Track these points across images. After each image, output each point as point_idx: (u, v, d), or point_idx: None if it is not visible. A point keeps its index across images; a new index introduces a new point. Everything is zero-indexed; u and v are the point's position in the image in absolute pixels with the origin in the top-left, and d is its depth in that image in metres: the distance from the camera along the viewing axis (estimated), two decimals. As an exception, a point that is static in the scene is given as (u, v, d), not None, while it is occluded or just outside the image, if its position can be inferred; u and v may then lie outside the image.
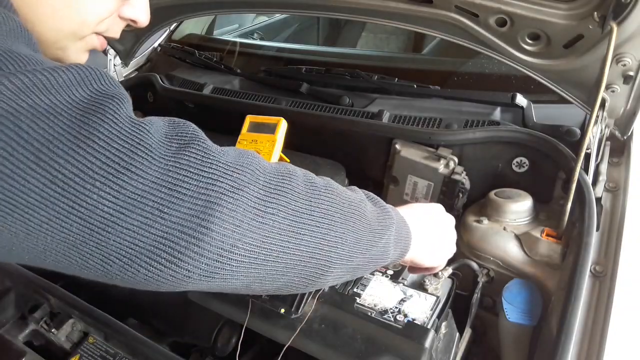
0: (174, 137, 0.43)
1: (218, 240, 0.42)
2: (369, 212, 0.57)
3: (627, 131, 0.99)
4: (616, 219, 0.87)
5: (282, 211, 0.47)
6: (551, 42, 0.92)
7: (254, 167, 0.46)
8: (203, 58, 1.61)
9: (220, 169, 0.43)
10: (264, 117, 1.19)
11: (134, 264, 0.40)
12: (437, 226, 0.73)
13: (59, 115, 0.38)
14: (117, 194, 0.38)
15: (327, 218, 0.51)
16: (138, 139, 0.40)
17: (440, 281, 0.83)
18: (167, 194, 0.40)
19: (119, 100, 0.41)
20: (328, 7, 1.16)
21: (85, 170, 0.38)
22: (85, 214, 0.38)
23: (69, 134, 0.38)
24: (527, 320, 0.83)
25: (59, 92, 0.39)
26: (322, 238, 0.50)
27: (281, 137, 1.16)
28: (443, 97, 1.21)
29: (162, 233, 0.40)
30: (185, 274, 0.42)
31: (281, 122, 1.16)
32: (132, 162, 0.39)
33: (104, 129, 0.39)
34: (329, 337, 0.75)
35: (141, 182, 0.39)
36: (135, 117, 0.42)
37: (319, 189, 0.52)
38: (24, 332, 0.93)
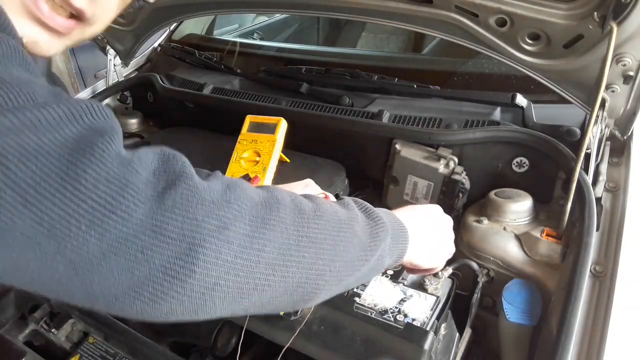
0: (162, 174, 0.43)
1: (201, 280, 0.42)
2: (361, 229, 0.56)
3: (627, 131, 0.99)
4: (616, 219, 0.87)
5: (269, 245, 0.46)
6: (551, 42, 0.92)
7: (241, 202, 0.46)
8: (203, 58, 1.61)
9: (206, 208, 0.43)
10: (264, 117, 1.19)
11: (118, 301, 0.41)
12: (436, 228, 0.73)
13: (47, 155, 0.38)
14: (102, 237, 0.39)
15: (315, 247, 0.50)
16: (125, 181, 0.40)
17: (440, 281, 0.83)
18: (152, 237, 0.40)
19: (109, 137, 0.41)
20: (328, 7, 1.16)
21: (71, 213, 0.38)
22: (70, 256, 0.38)
23: (57, 175, 0.38)
24: (527, 320, 0.83)
25: (48, 131, 0.38)
26: (310, 267, 0.50)
27: (281, 137, 1.16)
28: (443, 97, 1.21)
29: (145, 274, 0.40)
30: (168, 311, 0.43)
31: (281, 122, 1.16)
32: (118, 206, 0.39)
33: (91, 170, 0.39)
34: (329, 338, 0.75)
35: (126, 226, 0.39)
36: (124, 154, 0.41)
37: (308, 217, 0.51)
38: (24, 332, 0.93)
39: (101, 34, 1.59)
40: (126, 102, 1.71)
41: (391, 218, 0.63)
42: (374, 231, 0.58)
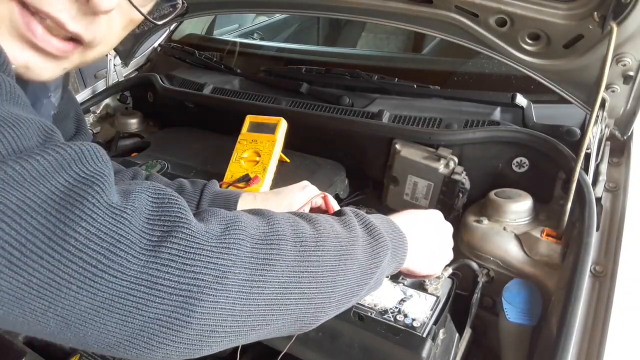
0: (157, 221, 0.41)
1: (197, 329, 0.41)
2: (362, 251, 0.55)
3: (627, 131, 0.99)
4: (616, 219, 0.87)
5: (270, 284, 0.45)
6: (551, 42, 0.92)
7: (241, 244, 0.44)
8: (203, 58, 1.61)
9: (204, 258, 0.41)
10: (264, 117, 1.19)
11: (113, 350, 0.41)
12: (436, 234, 0.72)
13: (33, 212, 0.36)
14: (94, 296, 0.37)
15: (316, 280, 0.49)
16: (118, 236, 0.38)
17: (440, 281, 0.83)
18: (146, 292, 0.39)
19: (99, 186, 0.39)
20: (328, 7, 1.16)
21: (60, 275, 0.36)
22: (61, 313, 0.37)
23: (43, 234, 0.36)
24: (527, 320, 0.83)
25: (33, 184, 0.36)
26: (310, 301, 0.49)
27: (281, 137, 1.16)
28: (443, 97, 1.21)
29: (140, 327, 0.40)
30: (164, 356, 0.42)
31: (281, 122, 1.16)
32: (110, 264, 0.37)
33: (80, 227, 0.37)
34: (326, 345, 0.75)
35: (119, 284, 0.38)
36: (116, 203, 0.39)
37: (309, 248, 0.49)
38: (24, 332, 0.93)
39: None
40: (126, 102, 1.71)
41: (391, 229, 0.61)
42: (375, 251, 0.56)
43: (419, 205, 1.13)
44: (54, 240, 0.36)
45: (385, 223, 0.61)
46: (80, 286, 0.37)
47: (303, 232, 0.50)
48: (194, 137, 1.43)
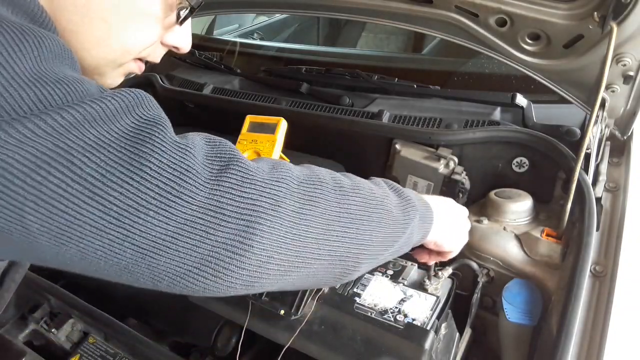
0: (215, 157, 0.45)
1: (258, 254, 0.45)
2: (394, 206, 0.59)
3: (627, 131, 0.99)
4: (616, 219, 0.87)
5: (315, 220, 0.49)
6: (551, 42, 0.92)
7: (289, 180, 0.49)
8: (203, 58, 1.61)
9: (259, 187, 0.46)
10: (264, 117, 1.19)
11: (182, 280, 0.43)
12: (455, 212, 0.75)
13: (110, 147, 0.39)
14: (169, 220, 0.41)
15: (356, 220, 0.53)
16: (186, 165, 0.42)
17: (440, 281, 0.83)
18: (213, 216, 0.43)
19: (162, 126, 0.43)
20: (328, 7, 1.16)
21: (139, 201, 0.40)
22: (138, 241, 0.40)
23: (122, 166, 0.39)
24: (527, 320, 0.83)
25: (106, 123, 0.40)
26: (352, 240, 0.53)
27: (281, 137, 1.16)
28: (443, 97, 1.21)
29: (208, 252, 0.43)
30: (228, 285, 0.45)
31: (281, 122, 1.16)
32: (182, 190, 0.41)
33: (154, 158, 0.41)
34: (329, 338, 0.75)
35: (190, 208, 0.42)
36: (179, 140, 0.44)
37: (347, 192, 0.54)
38: (24, 332, 0.94)
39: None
40: (126, 102, 1.71)
41: (418, 198, 0.65)
42: (405, 209, 0.60)
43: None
44: (132, 171, 0.40)
45: (412, 193, 0.65)
46: (157, 211, 0.40)
47: (341, 180, 0.55)
48: (194, 137, 1.43)
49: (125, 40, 0.59)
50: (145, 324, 1.02)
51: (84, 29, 0.56)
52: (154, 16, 0.60)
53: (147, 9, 0.59)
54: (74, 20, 0.55)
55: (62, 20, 0.55)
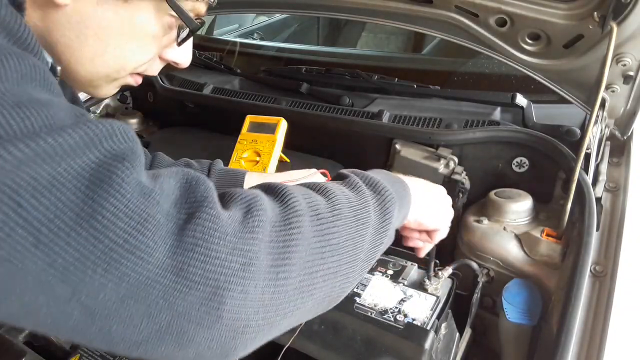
0: (184, 204, 0.40)
1: (229, 324, 0.40)
2: (374, 211, 0.55)
3: (627, 131, 0.99)
4: (616, 219, 0.87)
5: (295, 269, 0.44)
6: (551, 42, 0.92)
7: (262, 227, 0.42)
8: (203, 58, 1.61)
9: (229, 244, 0.40)
10: (264, 117, 1.19)
11: (140, 347, 0.39)
12: (432, 189, 0.73)
13: (63, 188, 0.35)
14: (120, 281, 0.36)
15: (338, 252, 0.49)
16: (146, 214, 0.37)
17: (440, 281, 0.83)
18: (173, 280, 0.37)
19: (129, 162, 0.38)
20: (328, 7, 1.16)
21: (87, 254, 0.35)
22: (86, 301, 0.36)
23: (72, 211, 0.35)
24: (527, 320, 0.83)
25: (64, 160, 0.35)
26: (335, 275, 0.49)
27: (281, 137, 1.16)
28: (443, 97, 1.21)
29: (167, 322, 0.38)
30: (195, 355, 0.40)
31: (281, 122, 1.16)
32: (137, 245, 0.36)
33: (109, 204, 0.36)
34: (329, 338, 0.75)
35: (146, 268, 0.36)
36: (145, 181, 0.39)
37: (327, 221, 0.48)
38: (24, 332, 0.93)
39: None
40: (126, 102, 1.71)
41: (392, 180, 0.61)
42: (385, 207, 0.56)
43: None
44: (82, 217, 0.35)
45: (384, 175, 0.61)
46: (106, 269, 0.35)
47: (317, 205, 0.49)
48: (194, 137, 1.43)
49: (121, 58, 0.58)
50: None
51: (79, 45, 0.55)
52: (152, 35, 0.59)
53: (145, 28, 0.57)
54: (68, 35, 0.54)
55: (55, 34, 0.54)
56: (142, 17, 0.56)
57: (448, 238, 1.10)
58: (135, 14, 0.56)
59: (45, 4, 0.52)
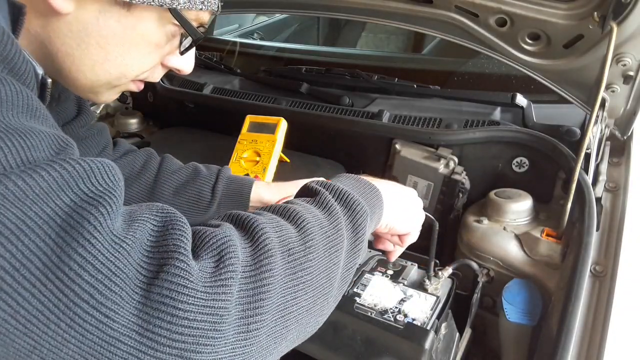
0: (155, 255, 0.37)
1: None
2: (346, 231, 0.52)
3: (627, 131, 0.99)
4: (616, 219, 0.87)
5: (267, 318, 0.41)
6: (551, 42, 0.92)
7: (234, 278, 0.39)
8: (203, 58, 1.61)
9: (198, 302, 0.37)
10: (264, 117, 1.19)
11: None
12: (403, 192, 0.71)
13: (31, 234, 0.33)
14: (83, 338, 0.33)
15: (312, 286, 0.46)
16: (115, 268, 0.34)
17: (440, 281, 0.83)
18: (138, 340, 0.35)
19: (104, 208, 0.36)
20: (328, 7, 1.16)
21: (51, 308, 0.33)
22: (47, 357, 0.34)
23: (39, 260, 0.32)
24: (527, 320, 0.83)
25: (35, 203, 0.33)
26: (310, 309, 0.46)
27: (281, 137, 1.16)
28: (443, 97, 1.21)
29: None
30: None
31: (281, 122, 1.16)
32: (103, 301, 0.34)
33: (78, 255, 0.33)
34: (329, 338, 0.75)
35: (111, 327, 0.34)
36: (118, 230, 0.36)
37: (299, 256, 0.46)
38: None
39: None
40: (126, 102, 1.71)
41: (362, 188, 0.59)
42: (357, 225, 0.54)
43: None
44: (49, 267, 0.33)
45: (354, 183, 0.59)
46: (70, 324, 0.33)
47: (289, 239, 0.46)
48: (194, 137, 1.43)
49: (122, 66, 0.58)
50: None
51: (80, 53, 0.55)
52: (154, 43, 0.59)
53: (147, 37, 0.57)
54: (69, 43, 0.54)
55: (56, 42, 0.54)
56: (145, 26, 0.56)
57: (448, 238, 1.11)
58: (138, 23, 0.56)
59: (47, 12, 0.52)
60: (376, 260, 0.90)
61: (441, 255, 1.06)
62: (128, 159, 0.91)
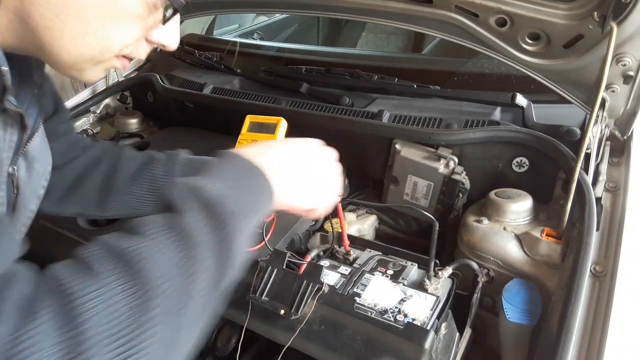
0: None
1: None
2: (213, 249, 0.48)
3: (627, 131, 0.99)
4: (616, 219, 0.87)
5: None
6: (551, 42, 0.92)
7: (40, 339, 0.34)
8: (203, 58, 1.61)
9: None
10: (264, 117, 1.19)
11: None
12: (303, 166, 0.67)
13: None
14: None
15: (170, 324, 0.42)
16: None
17: (440, 281, 0.83)
18: None
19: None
20: (328, 7, 1.16)
21: None
22: None
23: None
24: (527, 320, 0.83)
25: None
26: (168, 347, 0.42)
27: (281, 137, 1.16)
28: (443, 97, 1.21)
29: None
30: None
31: (281, 122, 1.16)
32: None
33: None
34: (329, 338, 0.75)
35: None
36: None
37: (145, 303, 0.40)
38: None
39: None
40: (126, 102, 1.71)
41: (243, 180, 0.56)
42: (225, 242, 0.49)
43: (419, 206, 1.13)
44: None
45: (233, 172, 0.56)
46: None
47: (132, 278, 0.40)
48: (194, 137, 1.43)
49: (104, 39, 0.56)
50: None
51: (59, 25, 0.53)
52: (135, 15, 0.57)
53: (128, 7, 0.56)
54: (47, 16, 0.53)
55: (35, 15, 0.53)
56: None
57: (448, 238, 1.11)
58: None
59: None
60: (376, 261, 0.90)
61: (441, 255, 1.06)
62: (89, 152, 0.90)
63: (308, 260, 0.88)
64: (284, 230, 0.98)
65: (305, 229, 1.07)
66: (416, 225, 1.20)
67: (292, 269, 0.83)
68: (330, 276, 0.86)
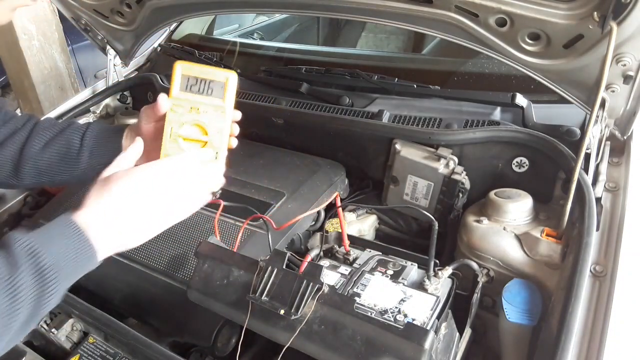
0: None
1: None
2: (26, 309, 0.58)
3: (627, 131, 0.99)
4: (616, 219, 0.87)
5: None
6: (551, 42, 0.92)
7: None
8: (203, 58, 1.61)
9: None
10: (202, 67, 0.78)
11: None
12: (155, 190, 0.67)
13: None
14: None
15: None
16: None
17: (440, 281, 0.83)
18: None
19: None
20: (328, 7, 1.16)
21: None
22: None
23: None
24: (527, 320, 0.83)
25: None
26: None
27: (231, 101, 0.79)
28: (443, 97, 1.20)
29: None
30: None
31: (229, 79, 0.79)
32: None
33: None
34: (329, 338, 0.75)
35: None
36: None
37: None
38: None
39: (101, 34, 1.59)
40: (126, 102, 1.71)
41: (71, 246, 0.62)
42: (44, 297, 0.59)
43: (419, 206, 1.13)
44: None
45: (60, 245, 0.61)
46: None
47: None
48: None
49: None
50: (145, 324, 1.02)
51: None
52: None
53: None
54: None
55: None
56: None
57: (448, 238, 1.11)
58: None
59: None
60: (376, 261, 0.90)
61: (441, 255, 1.06)
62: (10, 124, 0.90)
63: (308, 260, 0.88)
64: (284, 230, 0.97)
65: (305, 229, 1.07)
66: (416, 225, 1.20)
67: (292, 269, 0.83)
68: (330, 276, 0.86)
